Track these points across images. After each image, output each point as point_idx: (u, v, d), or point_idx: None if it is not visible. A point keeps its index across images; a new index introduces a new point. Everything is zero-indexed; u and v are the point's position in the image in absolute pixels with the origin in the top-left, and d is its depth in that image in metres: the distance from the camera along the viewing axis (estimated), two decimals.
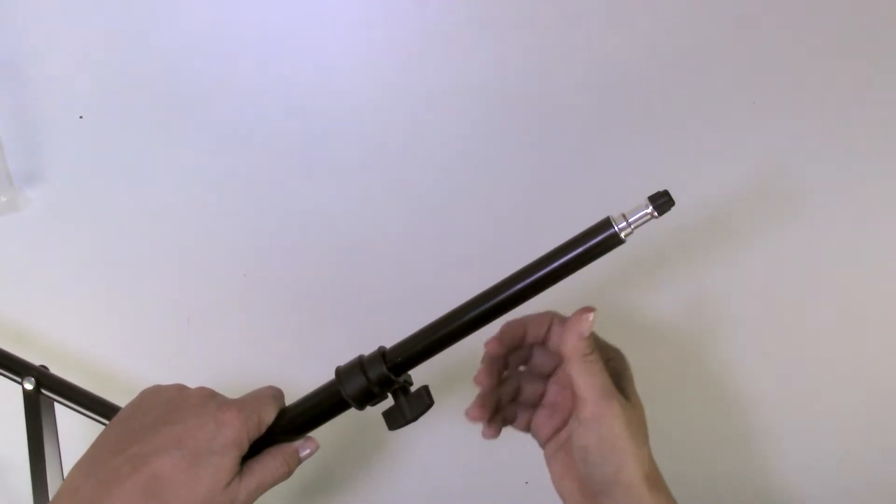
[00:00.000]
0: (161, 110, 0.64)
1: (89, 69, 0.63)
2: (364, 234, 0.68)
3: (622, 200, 0.65)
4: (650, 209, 0.42)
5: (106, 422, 0.57)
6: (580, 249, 0.44)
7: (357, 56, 0.63)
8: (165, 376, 0.70)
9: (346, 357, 0.50)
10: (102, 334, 0.69)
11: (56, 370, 0.62)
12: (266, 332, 0.70)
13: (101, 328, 0.69)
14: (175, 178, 0.66)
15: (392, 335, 0.68)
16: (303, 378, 0.70)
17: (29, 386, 0.58)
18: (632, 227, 0.43)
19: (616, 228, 0.43)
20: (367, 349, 0.69)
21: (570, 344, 0.45)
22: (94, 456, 0.46)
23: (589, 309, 0.46)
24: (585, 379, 0.45)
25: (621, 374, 0.49)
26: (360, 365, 0.48)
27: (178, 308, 0.69)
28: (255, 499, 0.47)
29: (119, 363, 0.70)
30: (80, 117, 0.64)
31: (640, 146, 0.65)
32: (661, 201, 0.42)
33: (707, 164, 0.66)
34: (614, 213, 0.43)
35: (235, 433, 0.45)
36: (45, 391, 0.58)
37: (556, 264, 0.44)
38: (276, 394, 0.51)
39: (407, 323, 0.68)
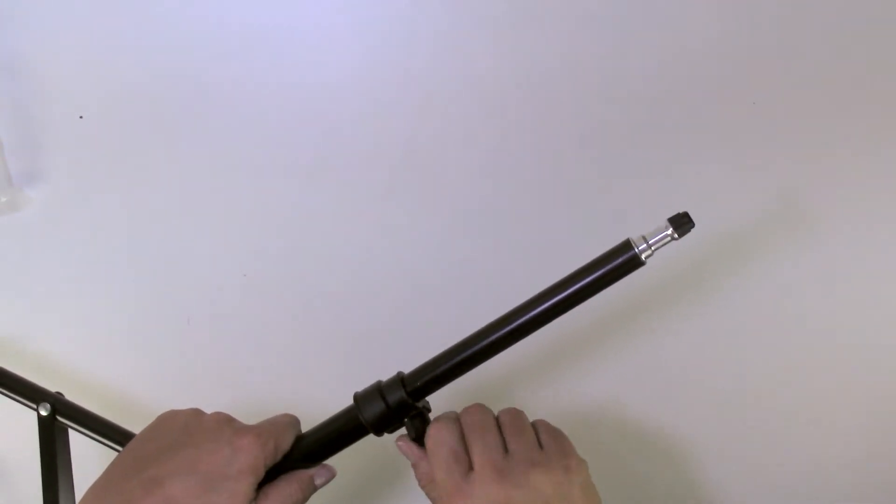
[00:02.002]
0: (161, 110, 0.64)
1: (89, 69, 0.63)
2: (364, 234, 0.67)
3: (624, 200, 0.66)
4: (670, 231, 0.42)
5: (121, 449, 0.57)
6: (601, 272, 0.44)
7: (357, 57, 0.63)
8: (166, 376, 0.70)
9: (345, 357, 0.50)
10: (102, 334, 0.69)
11: (53, 370, 0.62)
12: (266, 333, 0.70)
13: (101, 328, 0.69)
14: (175, 178, 0.66)
15: (391, 335, 0.69)
16: (302, 378, 0.70)
17: (44, 412, 0.57)
18: (652, 249, 0.43)
19: (637, 250, 0.43)
20: (367, 349, 0.69)
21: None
22: (108, 479, 0.46)
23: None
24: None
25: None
26: (378, 390, 0.48)
27: (178, 308, 0.69)
28: None
29: (118, 364, 0.70)
30: (80, 117, 0.64)
31: (641, 145, 0.65)
32: (682, 223, 0.42)
33: (707, 164, 0.66)
34: (634, 235, 0.43)
35: (252, 459, 0.45)
36: (60, 418, 0.57)
37: (576, 287, 0.44)
38: (293, 421, 0.51)
39: (407, 323, 0.69)
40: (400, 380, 0.48)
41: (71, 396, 0.60)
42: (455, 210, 0.67)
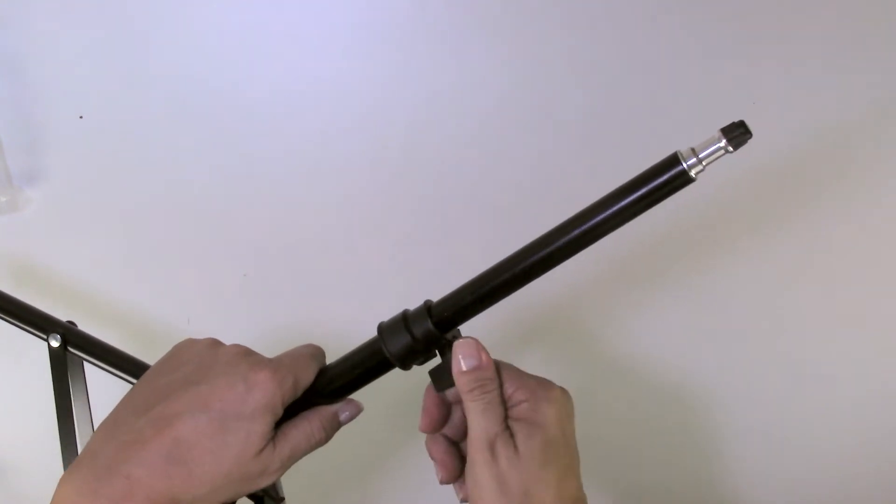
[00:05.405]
0: (161, 110, 0.64)
1: (89, 69, 0.63)
2: (364, 234, 0.68)
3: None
4: (724, 143, 0.36)
5: (135, 381, 0.55)
6: (645, 189, 0.38)
7: (357, 56, 0.63)
8: None
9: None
10: (102, 335, 0.69)
11: None
12: (266, 333, 0.70)
13: (101, 329, 0.69)
14: (175, 178, 0.66)
15: None
16: None
17: (55, 343, 0.53)
18: (703, 163, 0.37)
19: (685, 165, 0.37)
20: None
21: (456, 379, 0.42)
22: (117, 417, 0.42)
23: (466, 340, 0.43)
24: (468, 418, 0.42)
25: (522, 421, 0.42)
26: (403, 321, 0.44)
27: (178, 308, 0.69)
28: (288, 467, 0.43)
29: None
30: (80, 117, 0.64)
31: (639, 146, 0.65)
32: (737, 133, 0.36)
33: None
34: (682, 148, 0.38)
35: (268, 396, 0.41)
36: (71, 349, 0.54)
37: (617, 207, 0.39)
38: (316, 353, 0.47)
39: None
40: (426, 309, 0.44)
41: None
42: (456, 208, 0.67)
